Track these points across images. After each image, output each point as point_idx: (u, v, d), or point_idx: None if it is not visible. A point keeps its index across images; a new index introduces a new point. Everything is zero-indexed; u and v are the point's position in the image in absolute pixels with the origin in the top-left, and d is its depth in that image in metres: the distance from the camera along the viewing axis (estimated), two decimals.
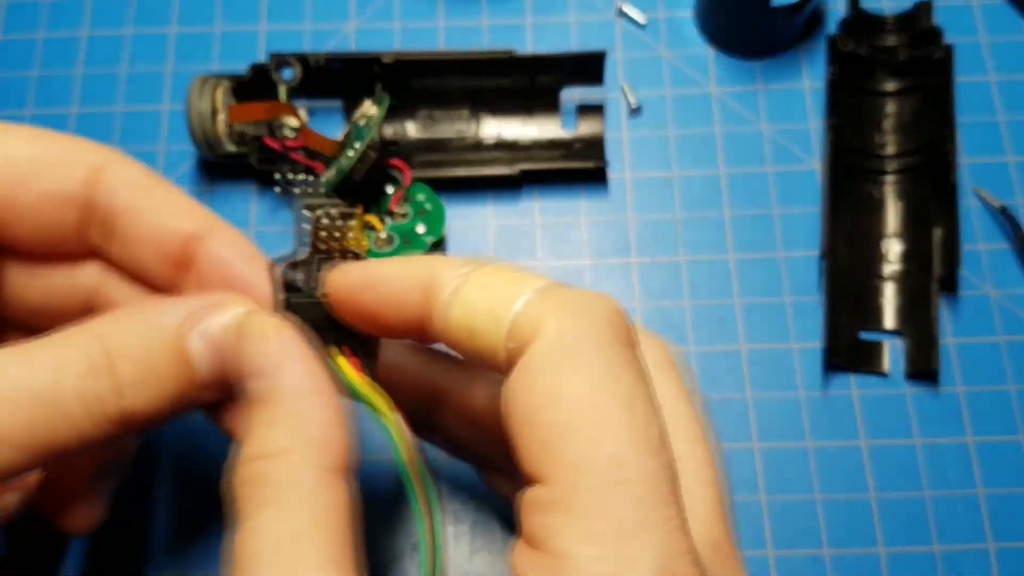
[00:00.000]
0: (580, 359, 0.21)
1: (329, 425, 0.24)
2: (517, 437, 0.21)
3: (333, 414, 0.24)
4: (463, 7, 0.48)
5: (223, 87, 0.41)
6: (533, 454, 0.21)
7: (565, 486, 0.20)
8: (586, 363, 0.21)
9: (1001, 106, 0.46)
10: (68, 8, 0.48)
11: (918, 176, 0.44)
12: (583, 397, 0.21)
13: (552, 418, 0.21)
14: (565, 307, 0.22)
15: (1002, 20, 0.48)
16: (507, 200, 0.44)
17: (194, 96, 0.40)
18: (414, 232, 0.41)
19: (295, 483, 0.23)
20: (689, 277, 0.43)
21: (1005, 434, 0.40)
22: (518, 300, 0.22)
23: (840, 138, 0.43)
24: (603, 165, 0.43)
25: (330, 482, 0.23)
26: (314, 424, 0.24)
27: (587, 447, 0.20)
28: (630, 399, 0.21)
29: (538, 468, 0.21)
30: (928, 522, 0.39)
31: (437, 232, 0.41)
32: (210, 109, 0.40)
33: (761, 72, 0.47)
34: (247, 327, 0.25)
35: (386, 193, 0.42)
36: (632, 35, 0.48)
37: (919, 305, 0.41)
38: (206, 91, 0.40)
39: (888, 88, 0.45)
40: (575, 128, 0.45)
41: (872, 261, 0.43)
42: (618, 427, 0.20)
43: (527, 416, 0.21)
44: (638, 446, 0.20)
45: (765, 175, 0.45)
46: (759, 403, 0.41)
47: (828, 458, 0.40)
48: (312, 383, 0.25)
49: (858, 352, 0.41)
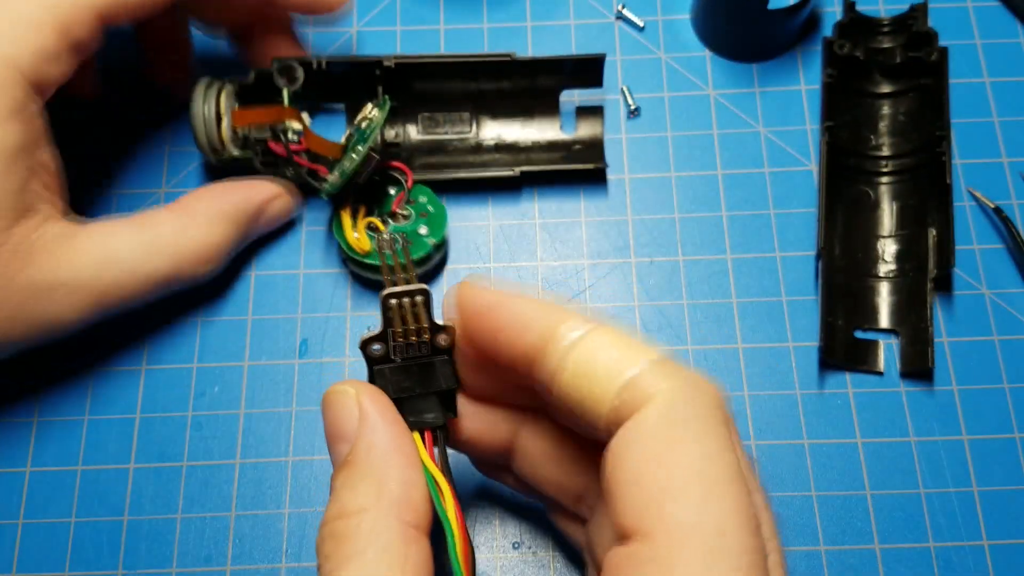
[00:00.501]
0: (692, 431, 0.22)
1: (408, 484, 0.25)
2: (620, 492, 0.22)
3: (413, 473, 0.26)
4: (464, 10, 0.49)
5: (227, 91, 0.41)
6: (636, 510, 0.22)
7: (668, 545, 0.21)
8: (698, 436, 0.22)
9: (995, 108, 0.46)
10: None
11: (913, 177, 0.44)
12: (694, 466, 0.22)
13: (661, 480, 0.22)
14: (679, 381, 0.23)
15: (997, 22, 0.48)
16: (507, 201, 0.45)
17: (198, 100, 0.41)
18: (416, 233, 0.42)
19: (375, 539, 0.24)
20: (687, 277, 0.43)
21: (999, 432, 0.40)
22: (635, 365, 0.24)
23: (836, 139, 0.44)
24: (603, 166, 0.44)
25: (410, 537, 0.24)
26: (393, 482, 0.25)
27: (695, 512, 0.21)
28: (735, 476, 0.22)
29: (639, 524, 0.22)
30: (924, 519, 0.39)
31: (439, 234, 0.42)
32: (214, 113, 0.41)
33: (758, 74, 0.47)
34: (330, 396, 0.27)
35: (388, 195, 0.43)
36: (631, 38, 0.48)
37: (914, 304, 0.42)
38: (210, 95, 0.41)
39: (884, 90, 0.46)
40: (575, 130, 0.45)
41: (868, 261, 0.43)
42: (724, 499, 0.22)
43: (635, 475, 0.22)
44: (741, 522, 0.21)
45: (762, 176, 0.45)
46: (756, 401, 0.41)
47: (824, 455, 0.40)
48: (392, 444, 0.26)
49: (854, 351, 0.42)
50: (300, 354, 0.42)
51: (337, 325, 0.42)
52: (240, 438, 0.40)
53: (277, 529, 0.39)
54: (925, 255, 0.42)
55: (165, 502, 0.39)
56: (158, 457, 0.40)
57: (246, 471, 0.40)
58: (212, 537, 0.39)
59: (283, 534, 0.39)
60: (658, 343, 0.42)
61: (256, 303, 0.43)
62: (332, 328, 0.42)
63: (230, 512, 0.39)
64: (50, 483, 0.40)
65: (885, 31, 0.46)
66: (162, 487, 0.40)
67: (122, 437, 0.40)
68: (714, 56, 0.48)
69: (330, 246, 0.44)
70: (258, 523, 0.39)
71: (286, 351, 0.42)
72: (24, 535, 0.39)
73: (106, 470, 0.40)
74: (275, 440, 0.40)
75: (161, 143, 0.46)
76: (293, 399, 0.41)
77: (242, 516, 0.39)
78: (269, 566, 0.38)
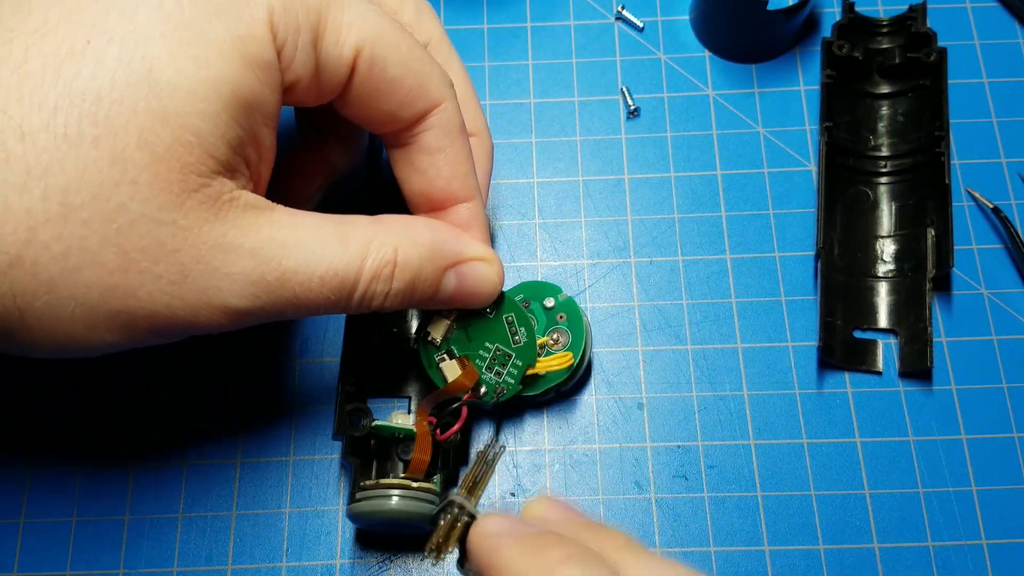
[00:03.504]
0: None
1: None
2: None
3: None
4: (464, 11, 0.49)
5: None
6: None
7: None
8: None
9: (994, 108, 0.46)
10: None
11: (912, 177, 0.44)
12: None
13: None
14: None
15: (995, 23, 0.48)
16: (508, 200, 0.45)
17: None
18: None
19: None
20: (686, 277, 0.43)
21: (998, 432, 0.41)
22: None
23: (835, 140, 0.44)
24: None
25: None
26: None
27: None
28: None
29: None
30: (922, 518, 0.39)
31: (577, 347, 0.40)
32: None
33: (757, 75, 0.47)
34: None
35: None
36: (630, 39, 0.48)
37: (913, 304, 0.42)
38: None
39: (883, 90, 0.46)
40: None
41: (867, 261, 0.43)
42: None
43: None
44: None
45: (761, 176, 0.45)
46: (755, 401, 0.41)
47: (823, 455, 0.40)
48: None
49: (853, 351, 0.42)
50: (301, 353, 0.42)
51: (337, 325, 0.42)
52: (241, 437, 0.41)
53: (278, 528, 0.39)
54: (924, 255, 0.42)
55: (167, 501, 0.40)
56: (159, 456, 0.40)
57: (247, 470, 0.40)
58: (213, 536, 0.39)
59: (284, 533, 0.39)
60: (658, 344, 0.42)
61: None
62: (332, 328, 0.42)
63: (231, 511, 0.39)
64: (52, 482, 0.40)
65: (884, 32, 0.46)
66: (163, 486, 0.40)
67: (125, 435, 0.40)
68: (713, 57, 0.48)
69: None
70: (259, 522, 0.39)
71: (287, 350, 0.42)
72: (25, 534, 0.39)
73: (107, 471, 0.40)
74: (276, 439, 0.41)
75: None
76: (294, 397, 0.41)
77: (243, 515, 0.39)
78: (270, 565, 0.39)
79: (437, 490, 0.36)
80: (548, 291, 0.40)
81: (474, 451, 0.40)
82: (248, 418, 0.41)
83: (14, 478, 0.40)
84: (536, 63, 0.48)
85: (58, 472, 0.40)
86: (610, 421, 0.41)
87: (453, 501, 0.30)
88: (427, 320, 0.37)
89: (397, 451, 0.38)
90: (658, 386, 0.41)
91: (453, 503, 0.30)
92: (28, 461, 0.40)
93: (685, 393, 0.41)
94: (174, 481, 0.40)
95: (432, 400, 0.36)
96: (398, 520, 0.35)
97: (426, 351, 0.37)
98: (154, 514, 0.39)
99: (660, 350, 0.42)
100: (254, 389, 0.41)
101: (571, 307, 0.40)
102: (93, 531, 0.39)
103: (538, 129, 0.46)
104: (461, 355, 0.37)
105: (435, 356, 0.37)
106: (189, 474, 0.40)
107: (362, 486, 0.35)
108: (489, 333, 0.37)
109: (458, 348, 0.37)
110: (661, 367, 0.42)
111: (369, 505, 0.35)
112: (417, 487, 0.35)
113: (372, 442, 0.37)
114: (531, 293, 0.40)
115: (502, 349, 0.37)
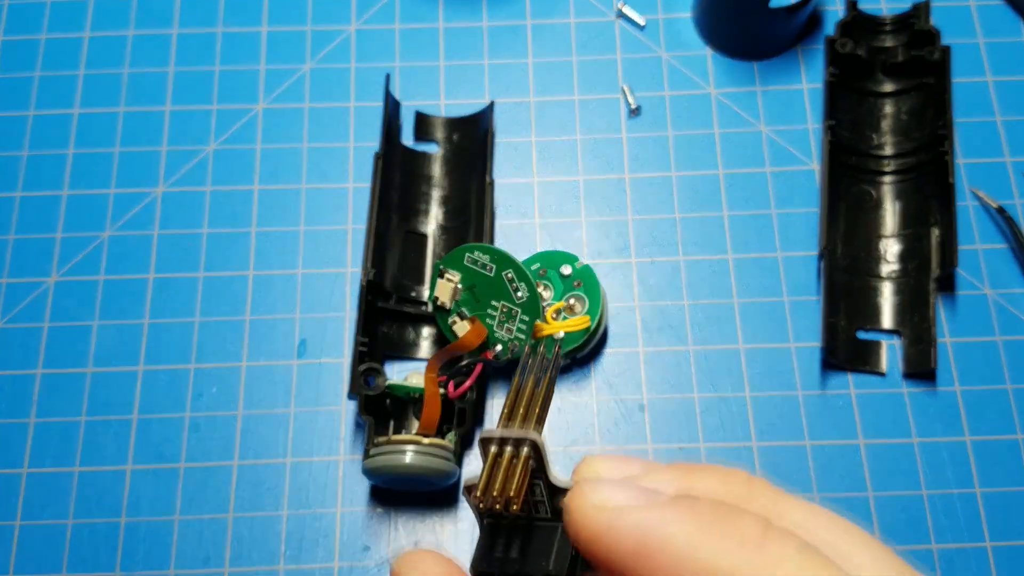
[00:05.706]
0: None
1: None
2: None
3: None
4: (463, 9, 0.49)
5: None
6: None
7: None
8: None
9: (998, 106, 0.46)
10: (70, 10, 0.48)
11: (916, 176, 0.44)
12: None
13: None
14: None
15: (999, 21, 0.48)
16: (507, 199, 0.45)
17: None
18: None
19: None
20: (688, 277, 0.43)
21: (1002, 433, 0.40)
22: None
23: (838, 138, 0.43)
24: None
25: None
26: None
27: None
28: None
29: None
30: (926, 520, 0.39)
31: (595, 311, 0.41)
32: None
33: (760, 73, 0.47)
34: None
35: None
36: (631, 37, 0.48)
37: (917, 305, 0.42)
38: None
39: (886, 89, 0.46)
40: None
41: (870, 261, 0.43)
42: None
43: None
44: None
45: (764, 175, 0.45)
46: (757, 402, 0.41)
47: (826, 457, 0.40)
48: None
49: (856, 351, 0.41)
50: (299, 355, 0.42)
51: (336, 325, 0.42)
52: (238, 439, 0.40)
53: (275, 531, 0.39)
54: (928, 255, 0.42)
55: (163, 504, 0.39)
56: (156, 458, 0.40)
57: (244, 472, 0.40)
58: (210, 539, 0.39)
59: (281, 535, 0.39)
60: (659, 344, 0.42)
61: (254, 303, 0.42)
62: (331, 328, 0.42)
63: (228, 514, 0.39)
64: (47, 484, 0.40)
65: (887, 30, 0.46)
66: (160, 488, 0.39)
67: (120, 438, 0.40)
68: (715, 55, 0.47)
69: (329, 245, 0.43)
70: (256, 525, 0.39)
71: (284, 352, 0.42)
72: (21, 537, 0.39)
73: (103, 471, 0.40)
74: (273, 441, 0.40)
75: (159, 140, 0.46)
76: (292, 400, 0.41)
77: (240, 518, 0.39)
78: (267, 568, 0.38)
79: (451, 447, 0.37)
80: (565, 259, 0.41)
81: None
82: (246, 420, 0.41)
83: (10, 480, 0.40)
84: (536, 61, 0.47)
85: (54, 474, 0.40)
86: (611, 423, 0.41)
87: (509, 437, 0.20)
88: (435, 285, 0.39)
89: (414, 410, 0.39)
90: (659, 387, 0.41)
91: (509, 439, 0.19)
92: (23, 463, 0.40)
93: (687, 394, 0.41)
94: (171, 484, 0.40)
95: (441, 357, 0.38)
96: (409, 476, 0.37)
97: (440, 315, 0.40)
98: (151, 517, 0.39)
99: (661, 351, 0.42)
100: (252, 390, 0.41)
101: (588, 274, 0.41)
102: (89, 534, 0.39)
103: (538, 128, 0.46)
104: (472, 315, 0.39)
105: (447, 319, 0.39)
106: (186, 476, 0.40)
107: (376, 443, 0.37)
108: (493, 292, 0.39)
109: (468, 309, 0.39)
110: (662, 368, 0.41)
111: (380, 460, 0.36)
112: (428, 443, 0.36)
113: (387, 401, 0.38)
114: (548, 262, 0.41)
115: (508, 306, 0.39)
